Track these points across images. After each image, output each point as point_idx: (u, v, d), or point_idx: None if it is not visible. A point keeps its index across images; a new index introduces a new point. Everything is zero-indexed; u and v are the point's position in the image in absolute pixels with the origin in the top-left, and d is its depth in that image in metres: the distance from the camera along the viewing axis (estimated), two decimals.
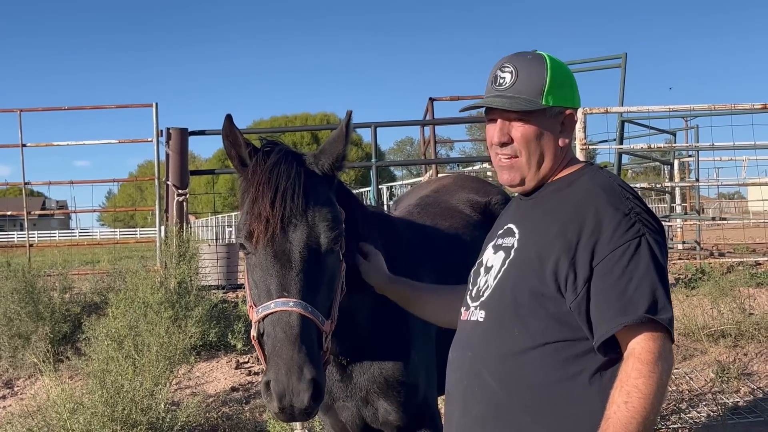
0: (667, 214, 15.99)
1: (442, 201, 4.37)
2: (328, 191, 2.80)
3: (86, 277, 10.43)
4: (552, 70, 2.35)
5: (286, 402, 2.36)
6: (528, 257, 2.25)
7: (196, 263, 8.46)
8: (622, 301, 2.07)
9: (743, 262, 10.86)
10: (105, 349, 5.96)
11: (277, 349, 2.43)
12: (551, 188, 2.36)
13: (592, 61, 15.56)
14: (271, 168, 2.64)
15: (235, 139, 2.76)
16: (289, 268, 2.55)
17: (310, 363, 2.40)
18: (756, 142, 10.79)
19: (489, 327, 2.31)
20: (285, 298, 2.49)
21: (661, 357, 2.04)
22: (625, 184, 2.32)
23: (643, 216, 2.18)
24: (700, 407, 6.23)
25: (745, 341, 7.50)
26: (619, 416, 1.99)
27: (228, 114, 2.72)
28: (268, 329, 2.50)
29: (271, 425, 5.35)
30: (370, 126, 10.47)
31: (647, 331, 2.06)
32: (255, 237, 2.58)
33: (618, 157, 13.70)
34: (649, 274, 2.09)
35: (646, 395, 1.99)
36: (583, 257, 2.13)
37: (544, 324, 2.19)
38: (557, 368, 2.17)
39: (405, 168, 63.47)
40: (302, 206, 2.61)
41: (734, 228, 19.24)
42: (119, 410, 5.25)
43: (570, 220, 2.19)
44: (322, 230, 2.62)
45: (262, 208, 2.58)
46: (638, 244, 2.11)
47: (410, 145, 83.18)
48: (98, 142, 12.43)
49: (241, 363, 7.71)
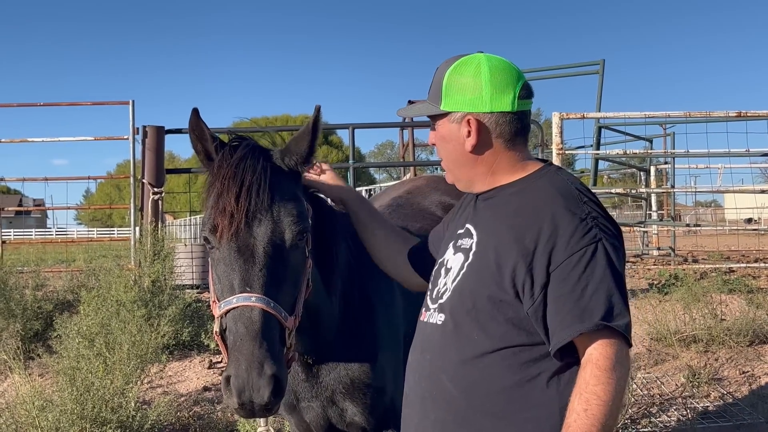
0: (643, 220, 16.12)
1: (414, 202, 4.37)
2: (295, 187, 2.78)
3: (60, 275, 10.35)
4: (451, 74, 2.36)
5: (246, 398, 2.34)
6: (486, 262, 2.24)
7: (170, 262, 8.41)
8: (579, 308, 2.06)
9: (717, 268, 10.95)
10: (76, 347, 5.91)
11: (237, 345, 2.41)
12: (509, 191, 2.34)
13: (570, 67, 15.69)
14: (237, 163, 2.63)
15: (201, 133, 2.74)
16: (252, 263, 2.53)
17: (271, 359, 2.38)
18: (730, 150, 10.89)
19: (448, 331, 2.30)
20: (247, 293, 2.47)
21: (618, 362, 2.04)
22: (584, 187, 2.30)
23: (600, 221, 2.17)
24: (670, 411, 6.27)
25: (716, 347, 7.56)
26: (579, 424, 2.00)
27: (194, 108, 2.70)
28: (230, 324, 2.48)
29: (242, 425, 5.33)
30: (348, 127, 10.47)
31: (604, 338, 2.06)
32: (219, 231, 2.56)
33: (594, 163, 13.81)
34: (605, 280, 2.08)
35: (605, 402, 2.00)
36: (540, 263, 2.12)
37: (502, 329, 2.19)
38: (515, 372, 2.17)
39: (385, 171, 63.54)
40: (267, 201, 2.59)
41: (710, 236, 19.41)
42: (89, 408, 5.22)
43: (527, 226, 2.17)
44: (286, 225, 2.61)
45: (226, 203, 2.56)
46: (595, 250, 2.10)
47: (390, 148, 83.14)
48: (74, 138, 12.31)
49: (214, 363, 7.67)
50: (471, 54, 2.40)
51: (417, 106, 2.53)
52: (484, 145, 2.34)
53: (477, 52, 2.40)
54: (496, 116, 2.31)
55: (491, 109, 2.31)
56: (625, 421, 5.85)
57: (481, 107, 2.32)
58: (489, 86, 2.31)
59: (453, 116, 2.36)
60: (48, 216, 78.13)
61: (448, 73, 2.37)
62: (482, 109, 2.31)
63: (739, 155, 11.12)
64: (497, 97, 2.31)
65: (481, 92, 2.31)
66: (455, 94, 2.34)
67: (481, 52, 2.40)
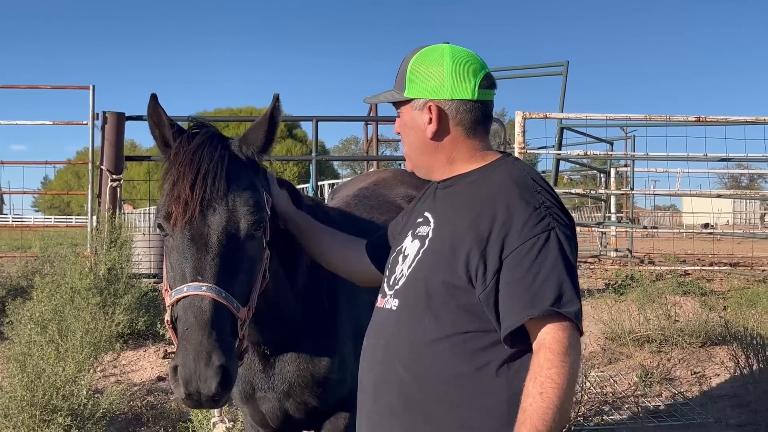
0: (602, 221, 16.30)
1: (380, 194, 4.36)
2: (253, 176, 2.75)
3: (14, 261, 10.19)
4: (415, 62, 2.42)
5: (193, 388, 2.30)
6: (441, 248, 2.28)
7: (127, 250, 8.30)
8: (529, 294, 2.09)
9: (672, 271, 11.12)
10: (28, 333, 5.82)
11: (186, 334, 2.37)
12: (467, 179, 2.37)
13: (535, 67, 15.81)
14: (195, 150, 2.60)
15: (159, 119, 2.70)
16: (205, 252, 2.49)
17: (220, 349, 2.34)
18: (689, 154, 11.05)
19: (402, 316, 2.34)
20: (198, 282, 2.44)
21: (571, 347, 2.08)
22: (539, 177, 2.34)
23: (554, 210, 2.21)
24: (622, 410, 6.34)
25: (669, 347, 7.67)
26: (535, 407, 2.02)
27: (153, 93, 2.67)
28: (180, 313, 2.44)
29: (194, 415, 5.29)
30: (312, 120, 10.44)
31: (556, 323, 2.09)
32: (173, 219, 2.52)
33: (556, 163, 13.93)
34: (556, 267, 2.11)
35: (560, 385, 2.03)
36: (493, 250, 2.15)
37: (454, 315, 2.22)
38: (466, 359, 2.20)
39: (349, 166, 63.53)
40: (223, 190, 2.56)
41: (668, 239, 19.70)
42: (39, 395, 5.13)
43: (482, 213, 2.21)
44: (242, 215, 2.57)
45: (181, 190, 2.53)
46: (547, 238, 2.14)
47: (355, 144, 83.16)
48: (31, 122, 12.17)
49: (169, 353, 7.60)
50: (437, 44, 2.45)
51: (383, 93, 2.57)
52: (444, 132, 2.39)
53: (443, 43, 2.45)
54: (457, 104, 2.37)
55: (452, 96, 2.36)
56: (578, 418, 5.90)
57: (442, 94, 2.37)
58: (451, 74, 2.36)
59: (415, 103, 2.41)
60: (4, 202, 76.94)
61: (412, 61, 2.43)
62: (443, 96, 2.36)
63: (697, 159, 11.31)
64: (458, 85, 2.35)
65: (442, 80, 2.36)
66: (418, 82, 2.39)
67: (447, 43, 2.45)
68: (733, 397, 6.60)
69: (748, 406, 6.30)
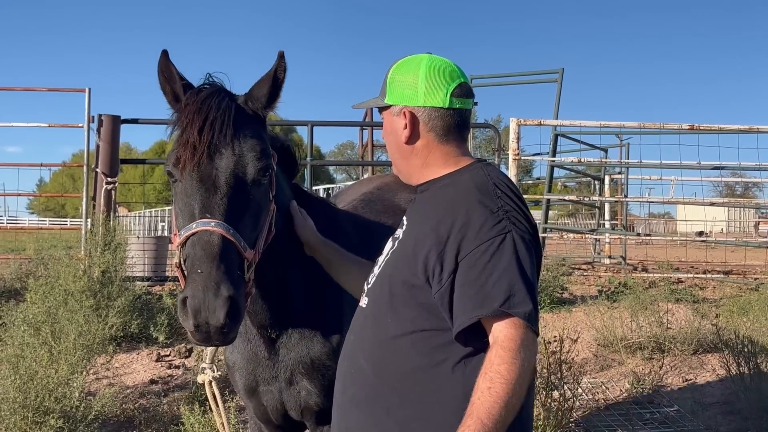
0: (596, 228, 16.34)
1: (385, 199, 4.40)
2: (260, 129, 2.83)
3: (8, 263, 10.18)
4: (395, 71, 2.54)
5: (201, 318, 2.33)
6: (405, 249, 2.39)
7: (122, 253, 8.30)
8: (481, 295, 2.16)
9: (665, 278, 11.15)
10: (21, 335, 5.82)
11: (195, 267, 2.42)
12: (439, 184, 2.48)
13: (530, 74, 15.85)
14: (203, 99, 2.69)
15: (170, 74, 2.79)
16: (214, 192, 2.57)
17: (228, 281, 2.39)
18: (682, 162, 11.09)
19: (369, 314, 2.48)
20: (207, 219, 2.50)
21: (523, 346, 2.14)
22: (504, 182, 2.40)
23: (512, 214, 2.28)
24: (614, 417, 6.36)
25: (661, 354, 7.71)
26: (482, 401, 2.08)
27: (164, 50, 2.76)
28: (189, 250, 2.49)
29: (186, 418, 5.29)
30: (307, 124, 10.45)
31: (510, 323, 2.15)
32: (182, 163, 2.60)
33: (550, 170, 13.96)
34: (509, 269, 2.18)
35: (509, 380, 2.08)
36: (450, 251, 2.23)
37: (414, 313, 2.32)
38: (423, 355, 2.29)
39: (344, 171, 63.50)
40: (230, 135, 2.65)
41: (661, 247, 19.72)
42: (32, 397, 5.14)
43: (444, 217, 2.30)
44: (249, 160, 2.66)
45: (190, 135, 2.61)
46: (502, 241, 2.21)
47: (351, 149, 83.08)
48: (27, 124, 12.25)
49: (162, 356, 7.62)
50: (418, 54, 2.57)
51: (369, 100, 2.71)
52: (417, 137, 2.50)
53: (425, 53, 2.57)
54: (429, 110, 2.48)
55: (424, 103, 2.47)
56: (570, 424, 5.92)
57: (415, 101, 2.48)
58: (424, 83, 2.47)
59: (394, 109, 2.53)
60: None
61: (392, 69, 2.56)
62: (416, 103, 2.48)
63: (691, 167, 11.34)
64: (430, 93, 2.47)
65: (416, 88, 2.48)
66: (396, 89, 2.52)
67: (429, 53, 2.57)
68: (724, 405, 6.63)
69: (739, 414, 6.34)
